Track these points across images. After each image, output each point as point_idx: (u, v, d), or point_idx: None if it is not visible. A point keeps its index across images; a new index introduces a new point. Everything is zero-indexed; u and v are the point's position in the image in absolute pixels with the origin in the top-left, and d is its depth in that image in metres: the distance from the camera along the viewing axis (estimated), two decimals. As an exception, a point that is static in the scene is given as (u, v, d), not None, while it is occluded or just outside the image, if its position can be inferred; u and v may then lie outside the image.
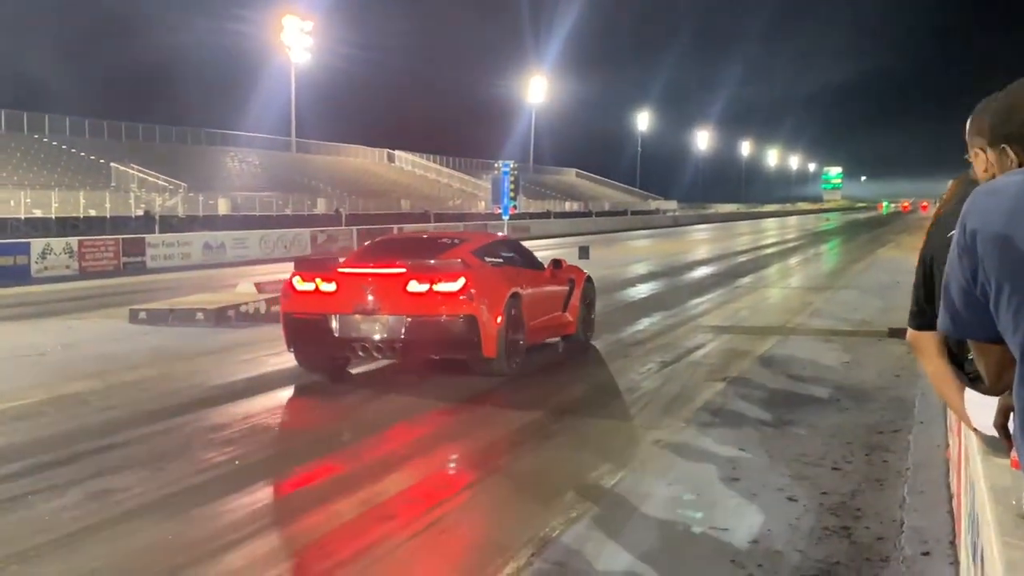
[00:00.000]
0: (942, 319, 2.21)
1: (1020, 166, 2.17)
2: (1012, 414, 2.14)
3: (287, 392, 9.93)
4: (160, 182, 47.53)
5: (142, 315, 15.28)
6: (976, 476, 2.93)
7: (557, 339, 12.43)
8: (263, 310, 15.83)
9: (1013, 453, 2.22)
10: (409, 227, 45.89)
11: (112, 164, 48.42)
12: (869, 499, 6.09)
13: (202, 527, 5.70)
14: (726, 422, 8.32)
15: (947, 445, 6.85)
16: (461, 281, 9.91)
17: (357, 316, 9.99)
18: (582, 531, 5.50)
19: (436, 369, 10.60)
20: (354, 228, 42.70)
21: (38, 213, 38.20)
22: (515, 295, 10.56)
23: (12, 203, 37.87)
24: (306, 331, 10.29)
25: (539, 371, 10.91)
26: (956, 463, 5.29)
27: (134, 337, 13.86)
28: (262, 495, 6.30)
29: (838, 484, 6.40)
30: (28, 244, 27.21)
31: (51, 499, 6.24)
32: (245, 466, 7.03)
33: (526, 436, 8.04)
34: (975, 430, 3.21)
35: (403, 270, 10.08)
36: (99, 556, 5.23)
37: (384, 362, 11.00)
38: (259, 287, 17.33)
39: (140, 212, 41.27)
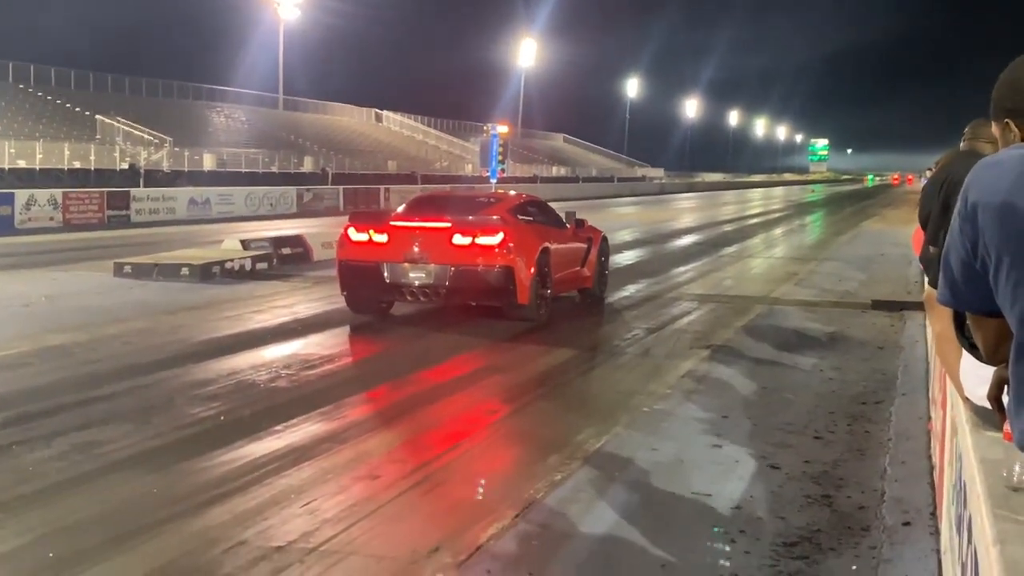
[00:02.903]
0: (941, 291, 2.21)
1: (1022, 140, 2.17)
2: (1006, 386, 2.15)
3: (271, 349, 9.91)
4: (146, 136, 47.08)
5: (127, 269, 15.22)
6: (965, 447, 2.96)
7: (574, 292, 13.27)
8: (248, 267, 15.79)
9: (1005, 426, 2.23)
10: (397, 188, 45.69)
11: (97, 116, 47.91)
12: (851, 468, 6.13)
13: (186, 481, 5.70)
14: (710, 389, 8.37)
15: (929, 417, 6.91)
16: (500, 235, 11.03)
17: (406, 264, 11.11)
18: (566, 494, 5.52)
19: (404, 334, 10.63)
20: (340, 187, 42.50)
21: (22, 164, 37.85)
22: (545, 250, 11.61)
23: (-5, 153, 37.51)
24: (359, 276, 11.42)
25: (527, 332, 10.93)
26: (939, 435, 5.33)
27: (119, 290, 13.80)
28: (246, 451, 6.28)
29: (820, 453, 6.45)
30: (12, 195, 26.97)
31: (36, 449, 6.22)
32: (229, 421, 7.02)
33: (509, 398, 8.06)
34: (966, 399, 3.23)
35: (448, 224, 11.20)
36: (83, 507, 5.22)
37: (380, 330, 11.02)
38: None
39: (125, 165, 40.92)
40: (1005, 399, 2.21)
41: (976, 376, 3.04)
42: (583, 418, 7.31)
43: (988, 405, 2.56)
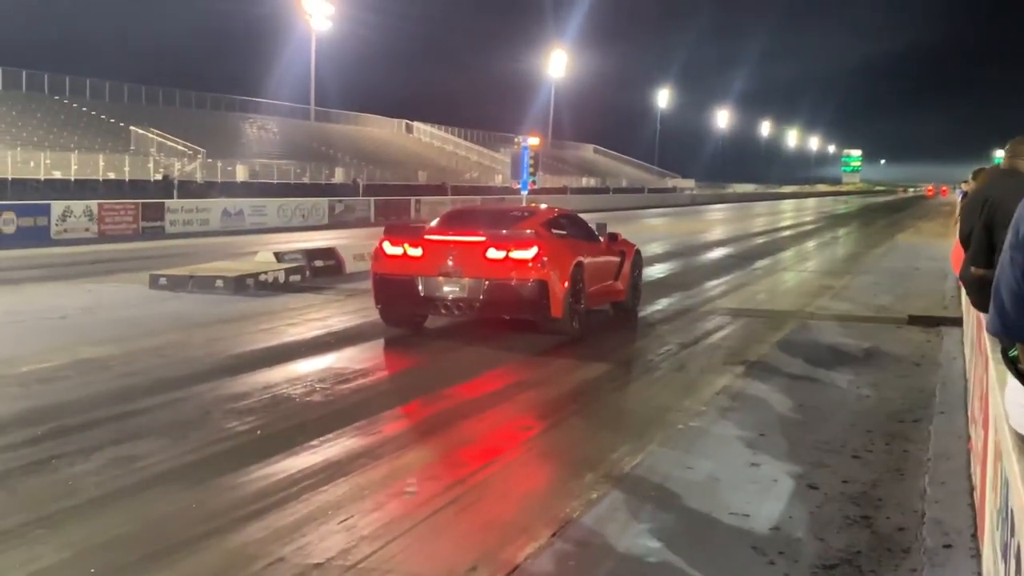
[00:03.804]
0: (991, 320, 2.20)
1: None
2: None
3: (305, 362, 9.96)
4: (179, 147, 47.52)
5: (162, 281, 15.35)
6: (1012, 475, 2.92)
7: (607, 305, 13.35)
8: (282, 279, 15.88)
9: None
10: (427, 199, 45.83)
11: (132, 128, 48.42)
12: (890, 489, 6.07)
13: (224, 497, 5.73)
14: (745, 406, 8.32)
15: (968, 436, 6.84)
16: (534, 250, 11.06)
17: (440, 278, 11.19)
18: (603, 512, 5.51)
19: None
20: (371, 199, 42.71)
21: (58, 175, 38.30)
22: (579, 264, 11.68)
23: (32, 164, 37.97)
24: (394, 290, 11.49)
25: (560, 346, 10.93)
26: (980, 455, 5.27)
27: (154, 302, 13.92)
28: (282, 466, 6.31)
29: (859, 472, 6.39)
30: (48, 206, 27.30)
31: (74, 464, 6.28)
32: (265, 436, 7.06)
33: (544, 414, 8.05)
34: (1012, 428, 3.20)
35: (483, 238, 11.26)
36: (121, 523, 5.26)
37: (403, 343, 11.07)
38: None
39: (159, 176, 41.32)
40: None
41: (1020, 404, 3.00)
42: (618, 435, 7.29)
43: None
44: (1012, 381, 3.10)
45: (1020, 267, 2.07)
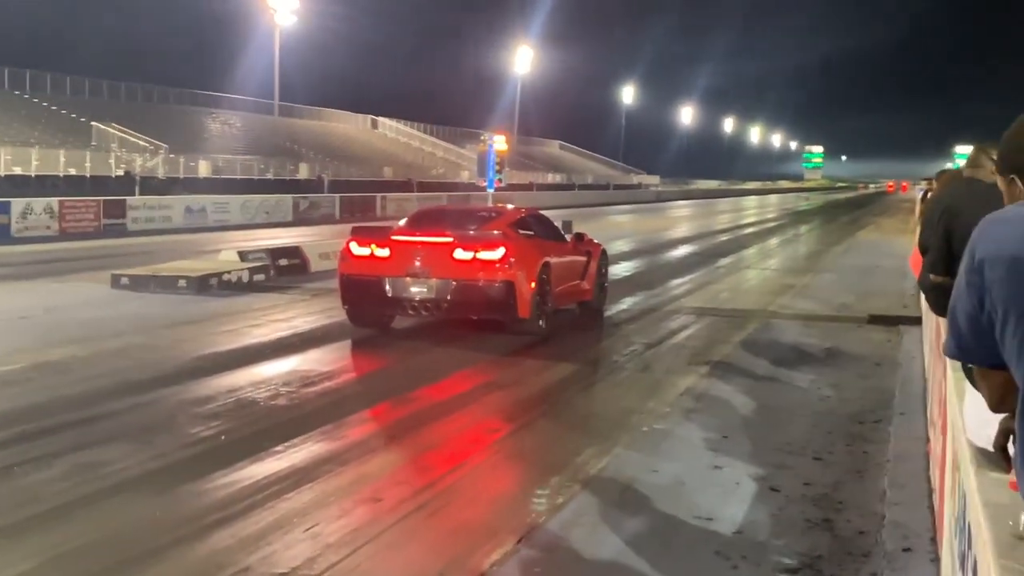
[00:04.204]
0: (948, 344, 2.25)
1: (1029, 197, 2.19)
2: (1012, 437, 2.18)
3: (270, 364, 9.93)
4: (141, 142, 47.06)
5: (124, 280, 15.22)
6: (970, 489, 2.98)
7: (573, 305, 13.37)
8: (246, 279, 15.81)
9: (1011, 475, 2.26)
10: (393, 196, 45.70)
11: (93, 123, 47.90)
12: (850, 491, 6.16)
13: (189, 504, 5.72)
14: (709, 407, 8.40)
15: (928, 439, 6.94)
16: (501, 251, 11.13)
17: (408, 278, 11.21)
18: (568, 517, 5.55)
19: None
20: (337, 195, 42.48)
21: (18, 170, 37.81)
22: (546, 264, 11.73)
23: (-8, 159, 37.50)
24: (361, 290, 11.49)
25: (527, 347, 10.96)
26: (938, 459, 5.36)
27: (116, 303, 13.81)
28: (248, 472, 6.30)
29: (820, 475, 6.48)
30: (9, 203, 26.93)
31: (38, 471, 6.24)
32: (231, 441, 7.04)
33: (511, 417, 8.09)
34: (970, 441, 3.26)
35: (450, 239, 11.29)
36: (86, 531, 5.24)
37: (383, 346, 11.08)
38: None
39: (120, 172, 40.92)
40: (1011, 448, 2.24)
41: (980, 418, 3.06)
42: (584, 437, 7.34)
43: (990, 448, 2.59)
44: (971, 394, 3.16)
45: (977, 291, 2.11)
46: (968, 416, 3.26)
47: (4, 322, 11.88)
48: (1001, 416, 2.35)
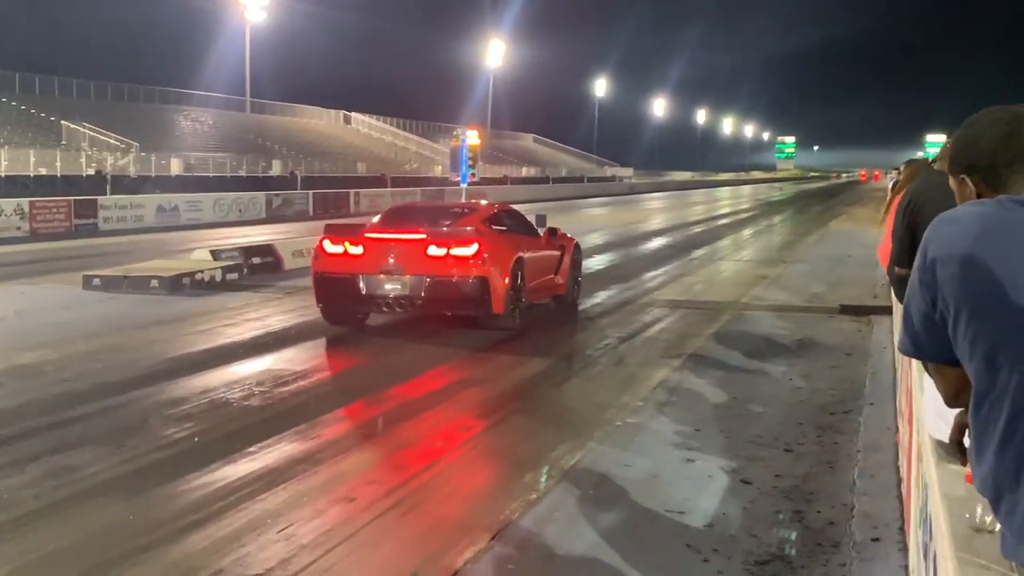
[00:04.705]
0: (903, 341, 2.29)
1: (978, 196, 2.24)
2: (967, 431, 2.23)
3: (244, 364, 9.91)
4: (112, 141, 46.75)
5: (96, 281, 15.13)
6: (930, 480, 3.03)
7: (547, 299, 13.45)
8: (219, 278, 15.75)
9: (966, 468, 2.31)
10: (367, 191, 45.59)
11: (63, 122, 47.55)
12: (821, 482, 6.23)
13: (163, 507, 5.72)
14: (682, 400, 8.45)
15: (897, 428, 7.02)
16: (475, 247, 11.17)
17: (382, 276, 11.22)
18: (542, 513, 5.58)
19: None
20: (310, 192, 42.33)
21: (-13, 171, 37.50)
22: (519, 259, 11.77)
23: (-40, 160, 37.16)
24: (335, 289, 11.52)
25: (501, 342, 10.99)
26: (906, 448, 5.42)
27: (88, 304, 13.73)
28: (221, 474, 6.30)
29: (791, 466, 6.54)
30: (-23, 204, 26.73)
31: (10, 475, 6.21)
32: (204, 443, 7.03)
33: (484, 413, 8.12)
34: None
35: (423, 236, 11.32)
36: (58, 536, 5.22)
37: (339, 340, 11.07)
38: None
39: (91, 171, 40.63)
40: (966, 442, 2.28)
41: (938, 412, 3.11)
42: (557, 433, 7.37)
43: (946, 440, 2.64)
44: (930, 387, 3.21)
45: (929, 290, 2.15)
46: (927, 409, 3.31)
47: (-26, 325, 11.79)
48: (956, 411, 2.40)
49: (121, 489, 6.01)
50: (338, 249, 11.47)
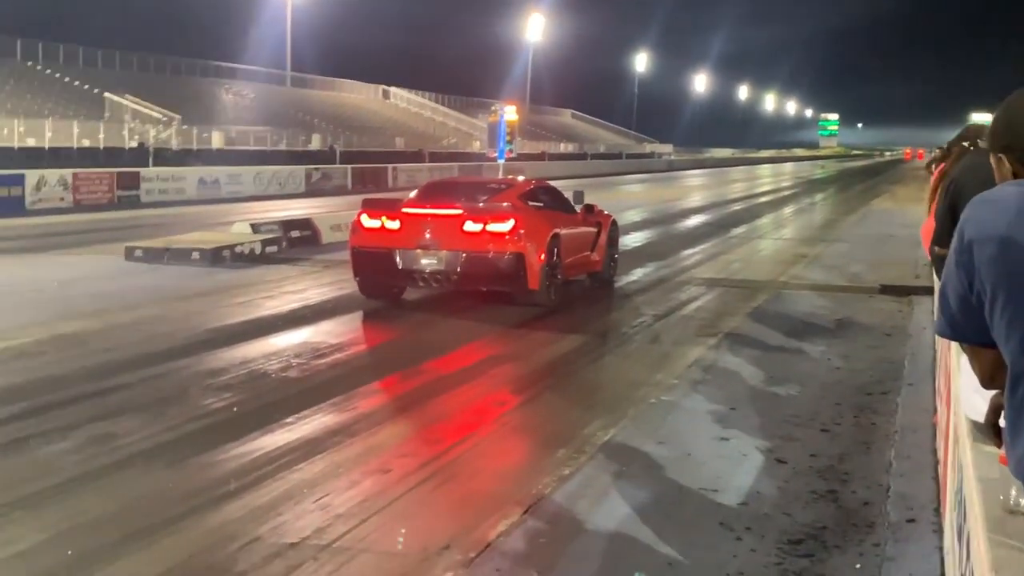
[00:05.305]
0: (939, 322, 2.27)
1: (1015, 176, 2.21)
2: (1002, 412, 2.21)
3: (282, 336, 9.99)
4: (154, 114, 47.08)
5: (138, 253, 15.31)
6: (965, 462, 3.02)
7: (583, 276, 13.46)
8: (258, 251, 15.88)
9: (1002, 450, 2.29)
10: (404, 166, 45.68)
11: (106, 94, 47.91)
12: (857, 462, 6.20)
13: (201, 475, 5.80)
14: (717, 379, 8.43)
15: (935, 410, 6.97)
16: (511, 222, 11.16)
17: (418, 251, 11.27)
18: (574, 489, 5.61)
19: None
20: (348, 166, 42.45)
21: (32, 142, 37.91)
22: (555, 236, 11.74)
23: (6, 131, 37.57)
24: (372, 263, 11.61)
25: (536, 318, 11.01)
26: (944, 430, 5.39)
27: (130, 275, 13.90)
28: (259, 443, 6.37)
29: (827, 446, 6.52)
30: (23, 176, 27.01)
31: (52, 443, 6.32)
32: (242, 413, 7.11)
33: (519, 389, 8.15)
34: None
35: (460, 211, 11.36)
36: (101, 503, 5.33)
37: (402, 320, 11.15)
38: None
39: (134, 144, 40.98)
40: (1002, 423, 2.27)
41: (975, 391, 3.09)
42: (591, 410, 7.39)
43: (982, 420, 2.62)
44: (967, 368, 3.18)
45: (966, 271, 2.14)
46: (964, 390, 3.29)
47: (19, 295, 11.98)
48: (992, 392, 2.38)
49: (161, 457, 6.10)
50: (375, 224, 11.53)
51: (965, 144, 7.49)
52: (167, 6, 77.80)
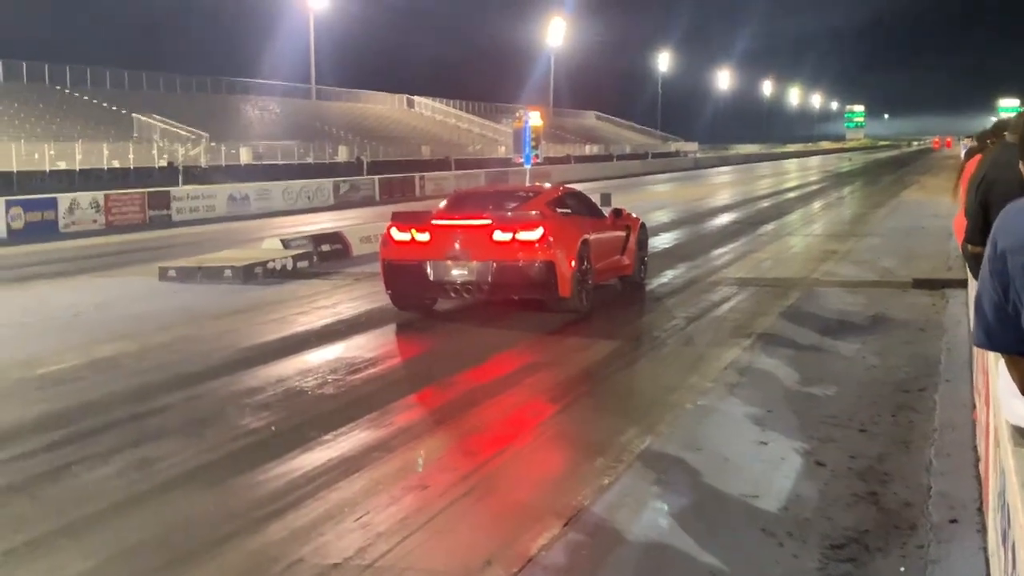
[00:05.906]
0: (976, 333, 2.27)
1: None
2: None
3: (316, 352, 10.05)
4: (182, 132, 47.55)
5: (171, 272, 15.45)
6: (1007, 467, 3.00)
7: (614, 280, 13.52)
8: (290, 266, 15.98)
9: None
10: (431, 175, 45.81)
11: (134, 115, 48.44)
12: (896, 462, 6.16)
13: (242, 497, 5.84)
14: (753, 381, 8.40)
15: (974, 406, 6.91)
16: (540, 230, 11.19)
17: (449, 262, 11.34)
18: (613, 499, 5.60)
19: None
20: (375, 177, 42.63)
21: (62, 165, 38.37)
22: (585, 241, 11.77)
23: (36, 156, 38.04)
24: (403, 275, 11.67)
25: (569, 325, 11.01)
26: (984, 427, 5.34)
27: (164, 295, 14.03)
28: (298, 463, 6.41)
29: (865, 447, 6.48)
30: (55, 199, 27.35)
31: (94, 468, 6.39)
32: (281, 432, 7.16)
33: (554, 398, 8.15)
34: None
35: (489, 221, 11.39)
36: (143, 528, 5.38)
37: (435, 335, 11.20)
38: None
39: (163, 163, 41.36)
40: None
41: (1013, 393, 3.07)
42: (627, 416, 7.37)
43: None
44: (1004, 372, 3.16)
45: (1001, 280, 2.13)
46: (1003, 392, 3.27)
47: (55, 319, 12.13)
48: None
49: (201, 479, 6.15)
50: (405, 236, 11.59)
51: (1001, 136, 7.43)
52: (189, 25, 78.46)
